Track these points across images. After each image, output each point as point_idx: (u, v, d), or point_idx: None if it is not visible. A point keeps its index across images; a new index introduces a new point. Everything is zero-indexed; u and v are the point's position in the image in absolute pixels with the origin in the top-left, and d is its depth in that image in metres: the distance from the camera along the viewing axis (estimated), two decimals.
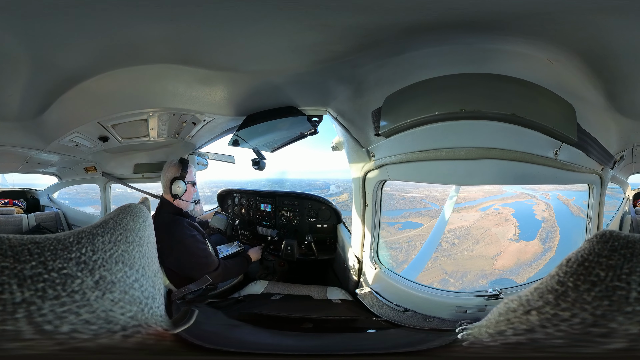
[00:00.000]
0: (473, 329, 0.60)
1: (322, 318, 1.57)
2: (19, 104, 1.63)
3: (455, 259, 3.89)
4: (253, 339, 1.05)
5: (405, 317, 1.46)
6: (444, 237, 4.08)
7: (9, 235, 0.50)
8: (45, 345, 0.44)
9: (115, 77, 1.44)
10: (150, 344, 0.55)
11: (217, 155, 2.70)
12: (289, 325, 1.44)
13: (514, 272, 3.62)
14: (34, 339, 0.44)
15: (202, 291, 1.83)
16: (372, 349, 0.88)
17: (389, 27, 1.04)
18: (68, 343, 0.45)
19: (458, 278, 3.41)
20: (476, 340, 0.58)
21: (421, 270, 2.64)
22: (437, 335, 0.70)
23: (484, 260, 3.86)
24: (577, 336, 0.47)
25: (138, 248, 0.65)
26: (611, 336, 0.46)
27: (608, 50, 1.07)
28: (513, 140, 1.19)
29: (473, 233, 4.41)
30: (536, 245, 4.01)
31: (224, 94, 1.74)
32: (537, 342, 0.49)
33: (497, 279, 3.61)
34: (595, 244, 0.53)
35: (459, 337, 0.60)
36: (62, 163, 2.92)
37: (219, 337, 0.93)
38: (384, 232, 1.89)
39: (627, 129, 1.52)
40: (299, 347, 0.95)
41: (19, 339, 0.43)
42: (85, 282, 0.49)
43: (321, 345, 1.04)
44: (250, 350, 0.72)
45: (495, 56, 1.19)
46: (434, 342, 0.66)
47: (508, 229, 4.45)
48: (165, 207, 1.88)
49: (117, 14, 0.98)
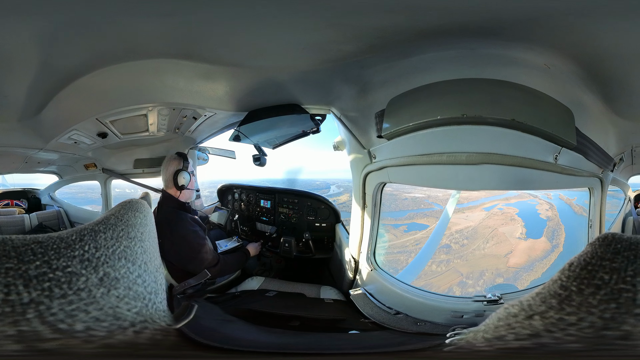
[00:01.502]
0: (468, 334, 0.59)
1: (310, 317, 1.57)
2: (15, 104, 1.61)
3: (468, 259, 3.91)
4: (239, 335, 1.06)
5: (395, 320, 1.45)
6: (452, 238, 4.11)
7: (12, 235, 0.50)
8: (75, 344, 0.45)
9: (113, 72, 1.42)
10: (159, 340, 0.56)
11: (218, 150, 2.70)
12: (279, 322, 1.45)
13: (528, 268, 3.63)
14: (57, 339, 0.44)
15: (201, 286, 1.84)
16: (347, 349, 0.88)
17: (406, 30, 1.03)
18: (92, 341, 0.45)
19: (476, 279, 3.44)
20: (466, 344, 0.57)
21: (419, 272, 2.65)
22: (422, 338, 0.70)
23: (497, 259, 3.88)
24: (592, 340, 0.46)
25: (140, 243, 0.65)
26: (630, 338, 0.45)
27: (602, 53, 1.07)
28: (513, 145, 1.20)
29: (481, 232, 4.43)
30: (544, 243, 4.03)
31: (226, 89, 1.72)
32: (547, 346, 0.48)
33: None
34: (598, 247, 0.52)
35: (447, 342, 0.60)
36: (61, 161, 2.90)
37: (212, 332, 0.93)
38: (390, 236, 1.90)
39: (626, 131, 1.52)
40: (278, 345, 0.95)
41: (40, 339, 0.43)
42: (90, 279, 0.49)
43: (300, 343, 1.04)
44: (232, 347, 0.73)
45: (495, 61, 1.19)
46: (415, 344, 0.66)
47: (515, 228, 4.45)
48: (168, 201, 1.88)
49: (119, 9, 0.97)
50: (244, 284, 2.07)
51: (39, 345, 0.44)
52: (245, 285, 2.05)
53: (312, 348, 0.90)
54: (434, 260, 3.68)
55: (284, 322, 1.44)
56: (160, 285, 0.67)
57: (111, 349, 0.47)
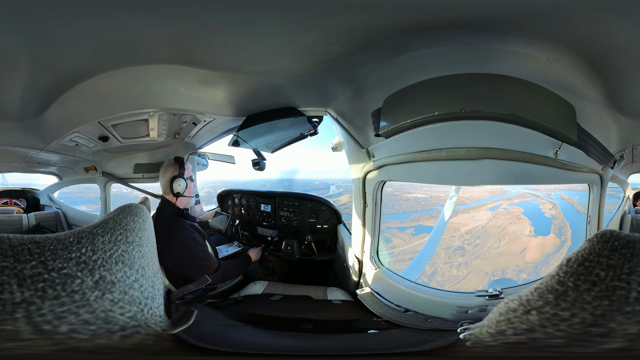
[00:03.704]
0: (475, 328, 0.60)
1: (322, 319, 1.56)
2: (19, 103, 1.62)
3: (487, 258, 3.96)
4: (251, 339, 1.04)
5: (406, 318, 1.45)
6: (464, 239, 4.14)
7: (9, 234, 0.50)
8: (42, 345, 0.44)
9: (116, 77, 1.44)
10: (149, 345, 0.55)
11: (217, 156, 2.71)
12: (289, 325, 1.43)
13: (545, 262, 3.68)
14: (31, 339, 0.43)
15: (202, 291, 1.83)
16: (374, 349, 0.87)
17: (387, 28, 1.04)
18: (65, 343, 0.45)
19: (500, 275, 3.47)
20: (478, 340, 0.57)
21: (421, 270, 2.64)
22: (439, 335, 0.70)
23: (514, 256, 3.93)
24: (576, 336, 0.47)
25: (138, 248, 0.65)
26: (609, 336, 0.46)
27: (608, 49, 1.06)
28: (513, 140, 1.19)
29: (491, 232, 4.48)
30: (553, 239, 4.14)
31: (224, 94, 1.74)
32: (537, 341, 0.49)
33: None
34: (596, 244, 0.52)
35: (461, 337, 0.60)
36: (62, 163, 2.92)
37: (216, 337, 0.92)
38: (398, 240, 1.89)
39: (627, 129, 1.51)
40: (299, 348, 0.94)
41: (16, 338, 0.43)
42: (85, 282, 0.49)
43: (321, 345, 1.03)
44: (247, 351, 0.72)
45: (494, 56, 1.18)
46: (436, 342, 0.66)
47: (523, 227, 4.53)
48: (166, 207, 1.88)
49: (119, 14, 0.98)
50: (247, 288, 2.06)
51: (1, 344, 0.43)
52: (248, 290, 2.03)
53: (338, 350, 0.88)
54: (452, 265, 3.72)
55: (295, 325, 1.42)
56: (158, 291, 0.67)
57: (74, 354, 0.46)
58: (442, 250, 3.88)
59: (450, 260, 3.82)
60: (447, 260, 3.82)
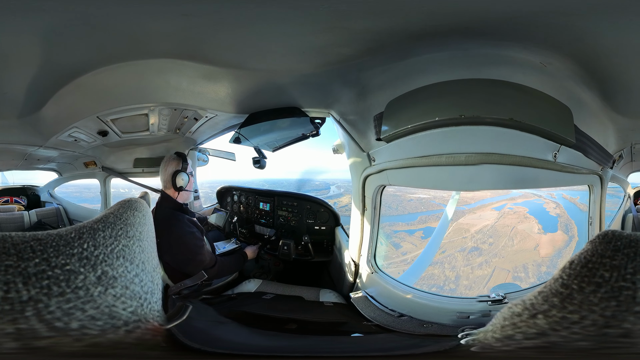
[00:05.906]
0: (478, 334, 0.59)
1: (309, 320, 1.55)
2: (15, 100, 1.60)
3: (505, 256, 4.01)
4: (228, 338, 1.03)
5: (399, 322, 1.44)
6: (476, 240, 4.20)
7: (11, 232, 0.50)
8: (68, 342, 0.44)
9: (116, 71, 1.42)
10: (147, 339, 0.55)
11: (218, 152, 2.70)
12: (274, 325, 1.42)
13: (558, 256, 3.77)
14: (51, 337, 0.43)
15: (197, 287, 1.83)
16: (353, 352, 0.86)
17: (399, 32, 1.05)
18: (83, 339, 0.45)
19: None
20: (485, 345, 0.56)
21: (420, 274, 2.63)
22: (435, 340, 0.69)
23: (530, 253, 4.02)
24: (596, 338, 0.46)
25: (138, 243, 0.65)
26: (631, 336, 0.45)
27: (599, 50, 1.07)
28: (512, 144, 1.20)
29: (501, 231, 4.54)
30: (562, 235, 4.26)
31: (227, 90, 1.73)
32: (558, 345, 0.48)
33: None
34: (598, 245, 0.51)
35: (462, 343, 0.59)
36: (61, 158, 2.90)
37: (202, 333, 0.92)
38: (408, 245, 1.89)
39: (625, 128, 1.51)
40: (270, 347, 0.93)
41: (38, 337, 0.43)
42: (88, 277, 0.49)
43: (295, 345, 1.01)
44: (218, 350, 0.72)
45: (491, 61, 1.20)
46: (430, 346, 0.65)
47: (531, 225, 4.62)
48: (166, 202, 1.88)
49: (125, 9, 0.98)
50: (240, 286, 2.06)
51: (34, 343, 0.43)
52: (242, 288, 2.03)
53: (308, 351, 0.87)
54: (473, 266, 3.79)
55: (280, 325, 1.41)
56: (157, 285, 0.67)
57: (98, 348, 0.46)
58: (458, 253, 3.92)
59: (469, 262, 3.86)
60: (466, 262, 3.86)
